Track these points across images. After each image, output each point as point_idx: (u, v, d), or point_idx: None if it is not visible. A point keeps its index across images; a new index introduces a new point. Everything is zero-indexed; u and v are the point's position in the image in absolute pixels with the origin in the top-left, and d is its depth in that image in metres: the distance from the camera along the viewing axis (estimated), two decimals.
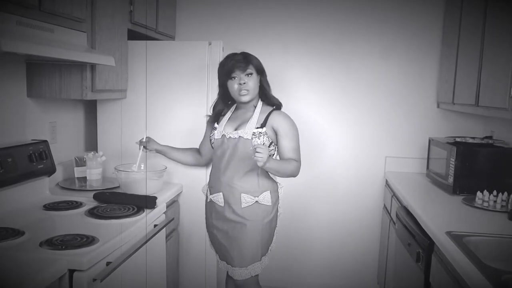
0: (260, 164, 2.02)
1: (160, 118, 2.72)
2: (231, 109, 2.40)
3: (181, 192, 2.74)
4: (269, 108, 2.33)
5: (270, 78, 3.42)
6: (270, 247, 2.32)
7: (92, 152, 2.60)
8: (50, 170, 2.34)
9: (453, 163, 2.60)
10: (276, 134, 2.27)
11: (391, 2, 3.25)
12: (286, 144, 2.25)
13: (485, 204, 2.35)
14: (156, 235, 2.14)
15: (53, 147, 2.47)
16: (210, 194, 2.35)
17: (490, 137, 2.92)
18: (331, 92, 3.35)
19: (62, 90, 2.30)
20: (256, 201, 2.24)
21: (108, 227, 1.90)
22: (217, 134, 2.32)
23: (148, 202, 2.21)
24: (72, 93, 2.28)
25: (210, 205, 2.38)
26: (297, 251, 3.49)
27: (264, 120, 2.27)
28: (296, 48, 3.35)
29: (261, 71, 2.33)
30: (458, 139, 2.85)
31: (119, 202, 2.21)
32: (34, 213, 2.07)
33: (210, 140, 2.38)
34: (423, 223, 2.13)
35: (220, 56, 2.62)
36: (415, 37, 3.25)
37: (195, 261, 2.80)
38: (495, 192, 2.36)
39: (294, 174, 2.27)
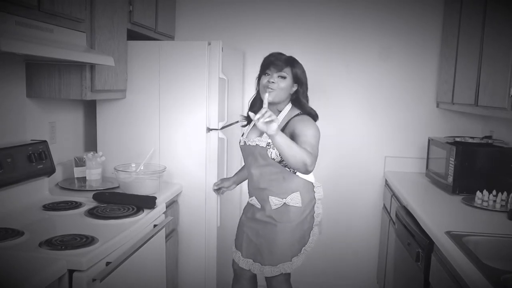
0: (270, 132, 1.84)
1: (159, 119, 2.72)
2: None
3: (180, 192, 2.74)
4: (295, 113, 2.21)
5: None
6: (304, 248, 2.24)
7: (92, 152, 2.60)
8: (49, 170, 2.34)
9: (453, 162, 2.60)
10: (292, 135, 2.11)
11: (390, 3, 3.25)
12: (300, 140, 2.06)
13: (485, 203, 2.35)
14: (156, 235, 2.14)
15: (53, 147, 2.47)
16: (249, 197, 2.37)
17: (490, 137, 2.92)
18: (330, 92, 3.35)
19: (61, 90, 2.29)
20: (284, 203, 2.20)
21: (108, 227, 1.90)
22: (241, 141, 2.30)
23: (148, 202, 2.21)
24: (71, 93, 2.28)
25: (248, 206, 2.39)
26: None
27: (284, 128, 2.15)
28: (296, 48, 3.32)
29: (300, 82, 2.21)
30: (457, 139, 2.85)
31: (119, 202, 2.21)
32: (33, 213, 2.07)
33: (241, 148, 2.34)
34: (422, 222, 2.13)
35: (219, 56, 2.63)
36: (415, 37, 3.25)
37: (194, 261, 2.80)
38: (494, 192, 2.36)
39: (307, 164, 1.96)
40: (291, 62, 2.20)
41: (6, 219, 1.92)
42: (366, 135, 3.37)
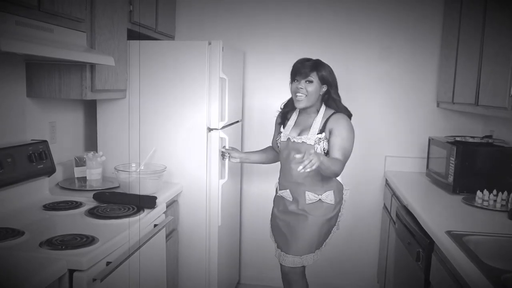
0: (308, 170, 2.08)
1: (159, 118, 2.72)
2: (295, 112, 2.54)
3: (181, 192, 2.74)
4: (331, 112, 2.41)
5: (269, 77, 3.42)
6: (325, 243, 2.46)
7: (92, 152, 2.60)
8: (50, 170, 2.34)
9: (453, 162, 2.60)
10: (330, 134, 2.35)
11: (390, 3, 3.25)
12: (336, 142, 2.33)
13: (485, 203, 2.35)
14: (156, 235, 2.14)
15: (53, 147, 2.47)
16: (280, 190, 2.54)
17: (490, 136, 2.92)
18: None
19: (61, 90, 2.29)
20: (320, 199, 2.38)
21: (108, 227, 1.90)
22: (283, 137, 2.48)
23: (148, 202, 2.21)
24: (71, 93, 2.28)
25: (278, 199, 2.57)
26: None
27: (323, 125, 2.37)
28: (296, 48, 3.34)
29: (327, 82, 2.41)
30: (458, 139, 2.85)
31: (119, 202, 2.21)
32: (34, 213, 2.06)
33: (277, 142, 2.53)
34: (423, 222, 2.13)
35: (220, 56, 2.63)
36: (415, 37, 3.25)
37: (195, 261, 2.79)
38: (495, 191, 2.36)
39: (337, 173, 2.33)
40: (316, 66, 2.39)
41: (6, 219, 1.92)
42: (367, 134, 3.36)
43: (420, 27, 3.24)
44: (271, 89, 3.39)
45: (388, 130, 3.35)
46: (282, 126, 2.56)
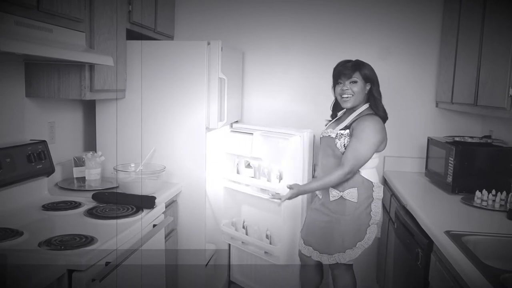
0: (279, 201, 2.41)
1: (158, 118, 2.72)
2: (342, 111, 2.57)
3: (180, 192, 2.74)
4: (367, 112, 2.40)
5: (268, 77, 3.42)
6: (360, 243, 2.37)
7: (91, 152, 2.60)
8: (49, 170, 2.34)
9: (452, 162, 2.60)
10: (352, 133, 2.34)
11: (390, 2, 3.25)
12: (351, 144, 2.31)
13: (484, 203, 2.35)
14: (155, 235, 2.14)
15: (52, 147, 2.46)
16: None
17: (489, 137, 2.92)
18: (330, 91, 3.35)
19: (60, 90, 2.29)
20: (341, 196, 2.36)
21: (107, 227, 1.90)
22: (321, 134, 2.54)
23: (147, 202, 2.21)
24: (70, 93, 2.28)
25: (314, 196, 2.63)
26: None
27: (351, 122, 2.37)
28: (296, 48, 3.35)
29: (370, 80, 2.41)
30: (457, 139, 2.85)
31: (118, 202, 2.21)
32: (33, 213, 2.06)
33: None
34: (422, 222, 2.13)
35: (219, 56, 2.63)
36: (414, 37, 3.25)
37: (194, 261, 2.79)
38: (493, 192, 2.36)
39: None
40: (358, 66, 2.40)
41: (6, 219, 1.92)
42: None
43: (419, 27, 3.24)
44: (270, 89, 3.39)
45: (387, 130, 3.34)
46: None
